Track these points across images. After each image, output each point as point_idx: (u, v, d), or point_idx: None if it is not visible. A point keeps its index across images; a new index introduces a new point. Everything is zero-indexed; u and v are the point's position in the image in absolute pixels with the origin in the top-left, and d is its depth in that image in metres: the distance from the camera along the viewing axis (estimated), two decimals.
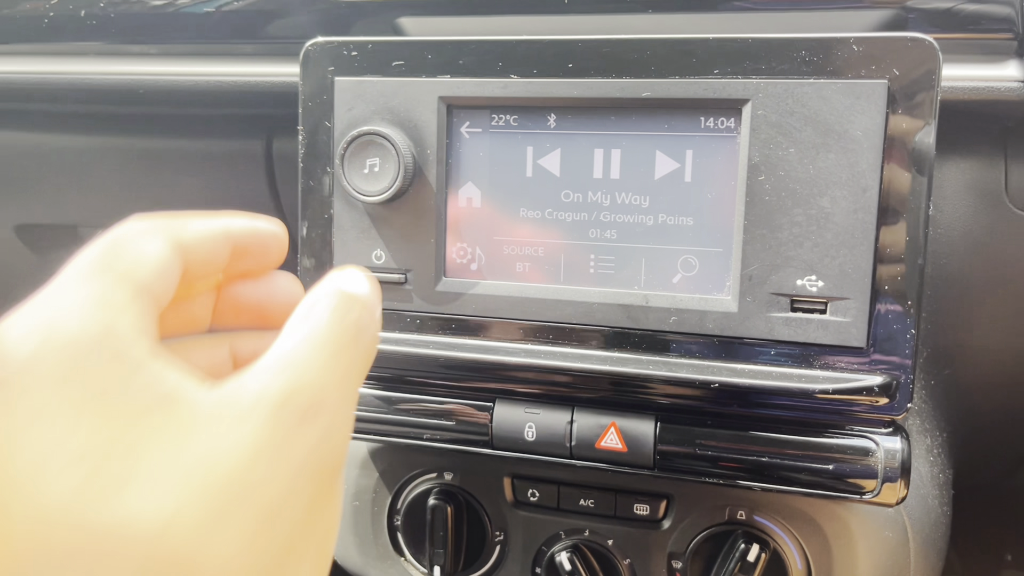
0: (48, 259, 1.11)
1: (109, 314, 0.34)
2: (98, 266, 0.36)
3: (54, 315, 0.33)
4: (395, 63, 0.62)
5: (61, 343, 0.32)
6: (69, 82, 0.85)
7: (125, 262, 0.37)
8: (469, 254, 0.63)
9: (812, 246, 0.56)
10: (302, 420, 0.34)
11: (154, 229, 0.39)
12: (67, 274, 0.36)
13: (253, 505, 0.32)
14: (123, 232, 0.38)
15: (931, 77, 0.53)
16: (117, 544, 0.29)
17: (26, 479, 0.30)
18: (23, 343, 0.32)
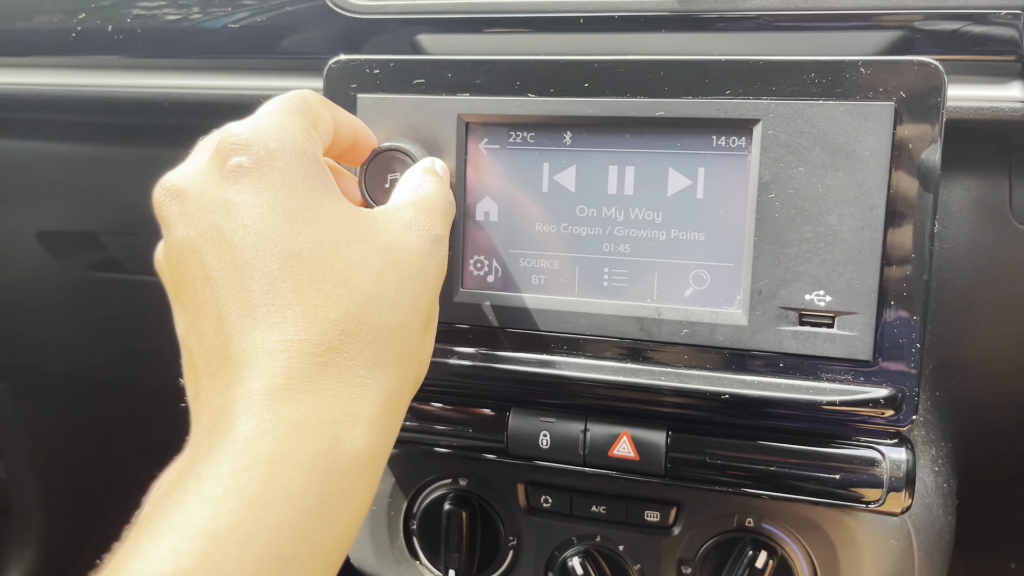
0: (69, 265, 1.13)
1: (309, 143, 0.50)
2: (299, 110, 0.52)
3: (284, 130, 0.49)
4: (416, 81, 0.64)
5: (293, 149, 0.49)
6: (94, 94, 0.88)
7: (313, 115, 0.53)
8: (486, 266, 0.65)
9: (820, 262, 0.57)
10: (436, 242, 0.52)
11: (325, 102, 0.56)
12: (277, 107, 0.52)
13: (421, 284, 0.50)
14: (309, 96, 0.54)
15: (936, 99, 0.55)
16: (346, 289, 0.46)
17: (277, 228, 0.46)
18: (269, 139, 0.48)
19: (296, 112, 0.52)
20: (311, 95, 0.55)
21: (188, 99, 0.85)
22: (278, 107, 0.52)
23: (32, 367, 1.48)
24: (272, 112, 0.51)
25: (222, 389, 0.43)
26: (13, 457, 1.57)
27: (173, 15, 0.84)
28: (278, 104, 0.52)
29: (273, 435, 0.41)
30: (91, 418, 1.60)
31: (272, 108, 0.52)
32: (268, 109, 0.52)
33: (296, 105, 0.52)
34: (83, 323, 1.26)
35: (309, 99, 0.54)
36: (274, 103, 0.52)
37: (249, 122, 0.50)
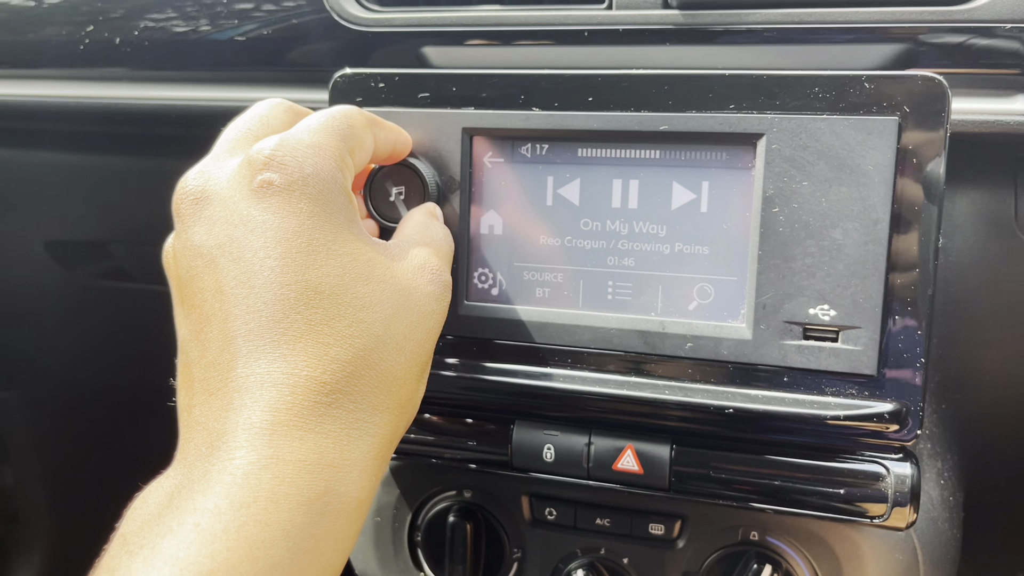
0: (77, 274, 1.13)
1: (342, 173, 0.50)
2: (341, 133, 0.51)
3: (321, 154, 0.48)
4: (421, 95, 0.64)
5: (327, 177, 0.48)
6: (102, 106, 0.88)
7: (354, 140, 0.52)
8: (491, 279, 0.65)
9: (824, 276, 0.57)
10: (446, 288, 0.53)
11: (369, 122, 0.55)
12: (319, 125, 0.51)
13: (426, 330, 0.51)
14: (354, 117, 0.53)
15: (940, 114, 0.55)
16: (358, 329, 0.46)
17: (300, 257, 0.46)
18: (305, 161, 0.47)
19: (338, 136, 0.51)
20: (356, 115, 0.54)
21: (195, 110, 0.85)
22: (320, 126, 0.51)
23: (40, 375, 1.49)
24: (313, 131, 0.50)
25: (220, 412, 0.43)
26: (21, 464, 1.57)
27: (180, 27, 0.84)
28: (321, 122, 0.51)
29: (273, 472, 0.40)
30: (99, 425, 1.60)
31: (314, 126, 0.50)
32: (310, 126, 0.50)
33: (339, 128, 0.51)
34: (91, 331, 1.27)
35: (354, 122, 0.53)
36: (317, 120, 0.51)
37: (287, 137, 0.48)
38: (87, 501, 1.61)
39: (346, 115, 0.53)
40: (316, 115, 0.52)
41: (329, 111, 0.53)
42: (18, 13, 0.91)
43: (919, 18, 0.64)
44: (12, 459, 1.58)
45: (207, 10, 0.83)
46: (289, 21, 0.80)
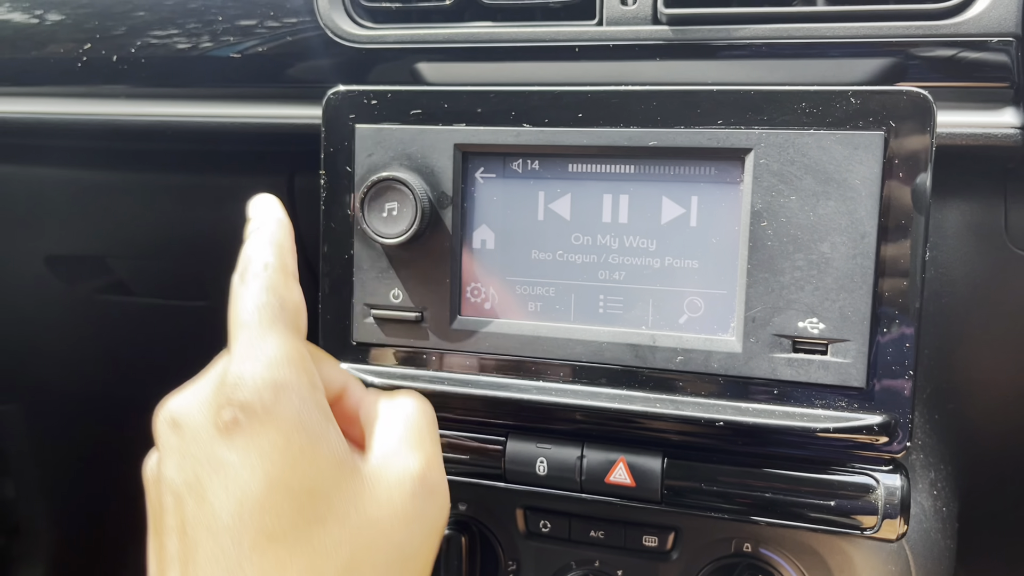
0: (77, 288, 1.14)
1: (307, 372, 0.48)
2: (278, 322, 0.49)
3: (277, 371, 0.47)
4: (413, 111, 0.65)
5: (290, 410, 0.46)
6: (101, 123, 0.89)
7: (291, 313, 0.50)
8: (483, 294, 0.65)
9: (813, 289, 0.58)
10: (432, 494, 0.49)
11: (288, 274, 0.53)
12: (258, 329, 0.48)
13: (398, 555, 0.46)
14: (276, 281, 0.51)
15: (926, 128, 0.56)
16: (313, 558, 0.44)
17: (258, 503, 0.44)
18: (265, 396, 0.46)
19: (281, 332, 0.49)
20: (280, 283, 0.52)
21: (192, 127, 0.86)
22: (266, 340, 0.48)
23: (41, 388, 1.49)
24: (271, 362, 0.47)
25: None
26: (22, 477, 1.58)
27: (177, 45, 0.85)
28: (263, 336, 0.48)
29: None
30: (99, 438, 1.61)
31: (262, 341, 0.48)
32: (267, 353, 0.48)
33: (282, 337, 0.49)
34: (91, 345, 1.28)
35: (282, 293, 0.51)
36: (260, 332, 0.49)
37: (253, 371, 0.47)
38: (87, 514, 1.62)
39: (270, 303, 0.50)
40: (245, 324, 0.49)
41: (287, 346, 0.49)
42: (18, 31, 0.92)
43: (907, 33, 0.65)
44: (13, 472, 1.58)
45: (204, 28, 0.84)
46: (284, 38, 0.81)
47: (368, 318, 0.67)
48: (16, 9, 0.92)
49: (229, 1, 0.84)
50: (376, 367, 0.68)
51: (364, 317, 0.67)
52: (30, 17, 0.91)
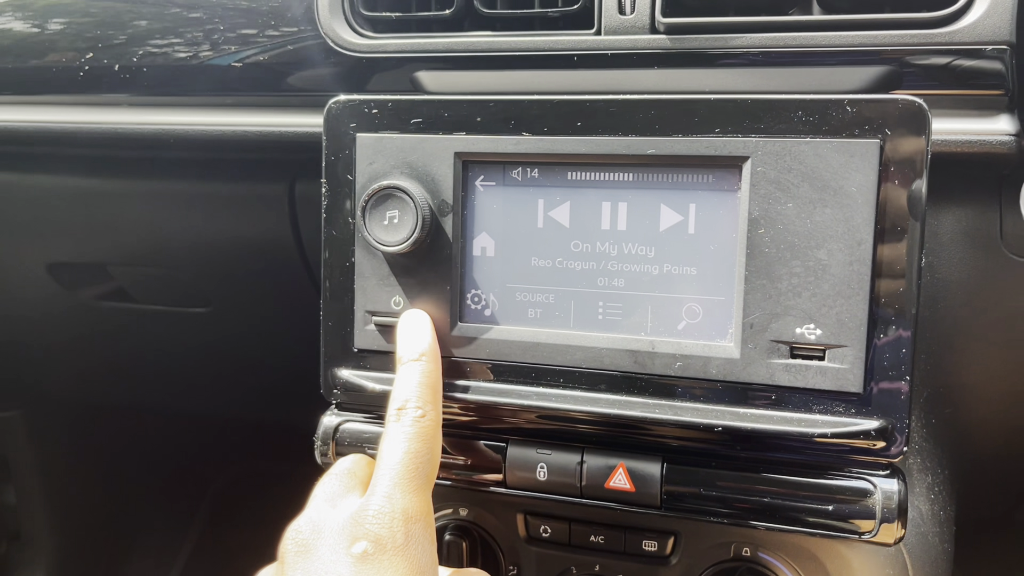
0: (78, 296, 1.15)
1: (431, 527, 0.55)
2: (422, 474, 0.56)
3: (408, 523, 0.53)
4: (413, 120, 0.66)
5: (418, 543, 0.53)
6: (102, 131, 0.89)
7: (434, 466, 0.58)
8: (483, 301, 0.66)
9: (810, 296, 0.58)
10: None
11: (439, 425, 0.59)
12: (403, 480, 0.55)
13: None
14: (429, 432, 0.58)
15: (921, 136, 0.56)
16: None
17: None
18: (397, 532, 0.52)
19: (420, 484, 0.55)
20: (430, 441, 0.57)
21: (194, 135, 0.87)
22: (406, 481, 0.55)
23: (42, 395, 1.50)
24: (403, 492, 0.54)
25: None
26: (24, 483, 1.58)
27: (179, 54, 0.86)
28: (404, 476, 0.55)
29: None
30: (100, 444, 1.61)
31: (401, 483, 0.55)
32: (397, 483, 0.54)
33: (422, 485, 0.56)
34: (92, 351, 1.28)
35: (430, 456, 0.57)
36: (400, 475, 0.55)
37: (393, 513, 0.53)
38: (89, 520, 1.62)
39: (421, 464, 0.56)
40: (395, 465, 0.55)
41: (410, 464, 0.56)
42: (20, 40, 0.92)
43: (902, 41, 0.66)
44: (15, 478, 1.58)
45: (205, 37, 0.85)
46: (285, 47, 0.82)
47: (369, 325, 0.67)
48: (18, 18, 0.93)
49: (230, 11, 0.84)
50: (377, 373, 0.68)
51: (365, 324, 0.68)
52: (32, 26, 0.92)
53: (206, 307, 1.11)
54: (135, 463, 1.65)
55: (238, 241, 1.01)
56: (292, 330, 0.95)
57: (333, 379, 0.69)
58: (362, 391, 0.68)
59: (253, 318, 1.14)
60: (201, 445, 1.68)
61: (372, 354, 0.68)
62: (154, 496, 1.68)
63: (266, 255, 0.99)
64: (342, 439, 0.69)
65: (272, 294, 1.06)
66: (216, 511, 1.78)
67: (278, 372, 1.17)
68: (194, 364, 1.27)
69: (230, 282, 1.08)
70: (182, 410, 1.48)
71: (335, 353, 0.69)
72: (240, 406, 1.42)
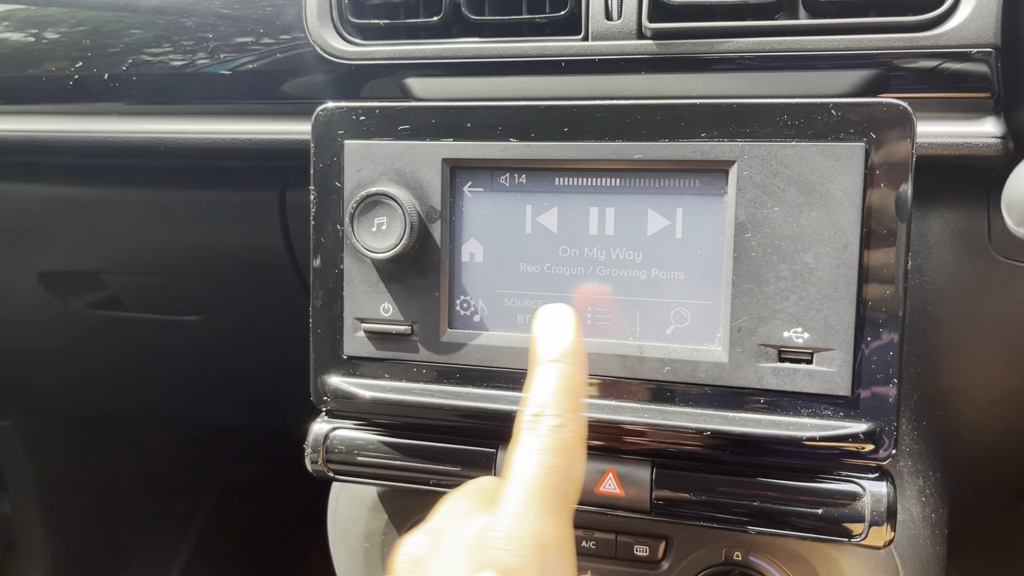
0: (71, 304, 1.15)
1: (571, 558, 0.48)
2: (561, 495, 0.48)
3: (541, 553, 0.45)
4: (401, 127, 0.66)
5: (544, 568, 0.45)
6: (93, 140, 0.90)
7: (574, 486, 0.50)
8: (472, 306, 0.66)
9: (797, 299, 0.58)
10: None
11: (582, 437, 0.51)
12: (540, 495, 0.47)
13: None
14: (571, 445, 0.50)
15: (906, 139, 0.56)
16: None
17: None
18: (527, 561, 0.45)
19: (560, 515, 0.48)
20: (574, 475, 0.50)
21: (185, 143, 0.87)
22: (546, 505, 0.47)
23: (36, 403, 1.50)
24: (538, 514, 0.46)
25: None
26: (19, 492, 1.58)
27: (170, 63, 0.86)
28: (545, 501, 0.47)
29: None
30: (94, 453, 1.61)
31: (535, 504, 0.47)
32: (530, 504, 0.47)
33: (560, 507, 0.48)
34: (85, 360, 1.28)
35: (572, 472, 0.49)
36: (536, 494, 0.47)
37: (512, 533, 0.46)
38: (84, 529, 1.62)
39: (558, 468, 0.48)
40: (529, 480, 0.48)
41: (545, 484, 0.47)
42: (10, 50, 0.93)
43: (888, 45, 0.66)
44: (9, 488, 1.58)
45: (196, 45, 0.85)
46: (274, 55, 0.82)
47: (359, 332, 0.67)
48: (8, 28, 0.93)
49: (221, 19, 0.84)
50: (367, 380, 0.68)
51: (355, 331, 0.68)
52: (21, 36, 0.92)
53: (198, 315, 1.11)
54: (130, 471, 1.65)
55: (230, 249, 1.01)
56: (285, 337, 0.95)
57: (323, 386, 0.69)
58: (352, 398, 0.68)
59: (246, 325, 1.14)
60: (196, 453, 1.68)
61: (362, 360, 0.68)
62: (149, 504, 1.68)
63: (258, 262, 0.99)
64: (332, 446, 0.69)
65: (264, 301, 1.06)
66: (212, 518, 1.78)
67: (271, 379, 1.17)
68: (187, 372, 1.27)
69: (222, 290, 1.08)
70: (176, 418, 1.48)
71: (325, 360, 0.69)
72: (234, 414, 1.41)
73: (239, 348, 1.18)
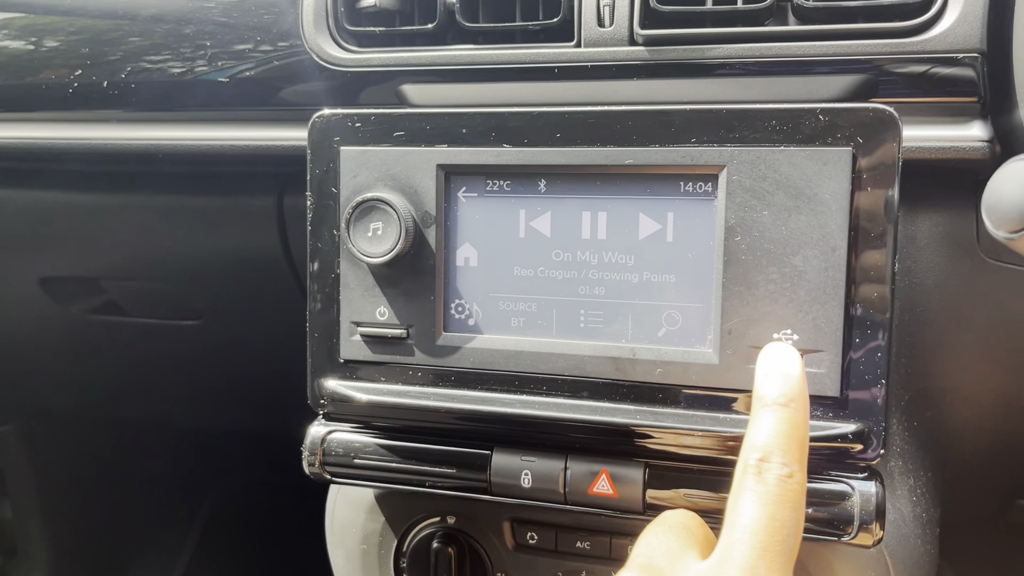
0: (71, 310, 1.15)
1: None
2: (787, 552, 0.47)
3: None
4: (396, 133, 0.67)
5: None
6: (92, 147, 0.91)
7: (798, 539, 0.49)
8: (467, 310, 0.67)
9: (787, 302, 0.59)
10: None
11: (805, 487, 0.50)
12: (766, 555, 0.46)
13: None
14: (798, 497, 0.49)
15: (892, 143, 0.57)
16: None
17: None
18: None
19: (788, 570, 0.47)
20: (799, 531, 0.49)
21: (184, 150, 0.88)
22: (775, 561, 0.47)
23: (37, 409, 1.50)
24: (773, 571, 0.46)
25: None
26: (19, 498, 1.59)
27: (169, 70, 0.87)
28: (775, 556, 0.47)
29: None
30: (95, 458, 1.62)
31: (772, 560, 0.46)
32: (770, 562, 0.46)
33: (786, 563, 0.47)
34: (85, 365, 1.29)
35: (795, 528, 0.49)
36: (772, 550, 0.47)
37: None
38: (85, 534, 1.62)
39: (787, 523, 0.47)
40: (758, 533, 0.47)
41: (768, 517, 0.47)
42: (10, 59, 0.94)
43: (876, 50, 0.67)
44: (10, 493, 1.59)
45: (194, 53, 0.86)
46: (272, 63, 0.83)
47: (355, 336, 0.68)
48: (8, 37, 0.94)
49: (219, 27, 0.85)
50: (364, 383, 0.69)
51: (351, 335, 0.68)
52: (21, 45, 0.93)
53: (198, 319, 1.12)
54: (131, 476, 1.65)
55: (228, 253, 1.02)
56: (284, 340, 0.96)
57: (320, 390, 0.70)
58: (349, 401, 0.69)
59: (245, 329, 1.15)
60: (196, 457, 1.69)
61: (359, 364, 0.69)
62: (150, 509, 1.69)
63: (256, 267, 1.00)
64: (329, 449, 0.70)
65: (263, 305, 1.07)
66: (212, 522, 1.78)
67: (271, 383, 1.18)
68: (187, 376, 1.28)
69: (221, 294, 1.09)
70: (176, 422, 1.49)
71: (322, 364, 0.70)
72: (234, 417, 1.42)
73: (238, 352, 1.19)
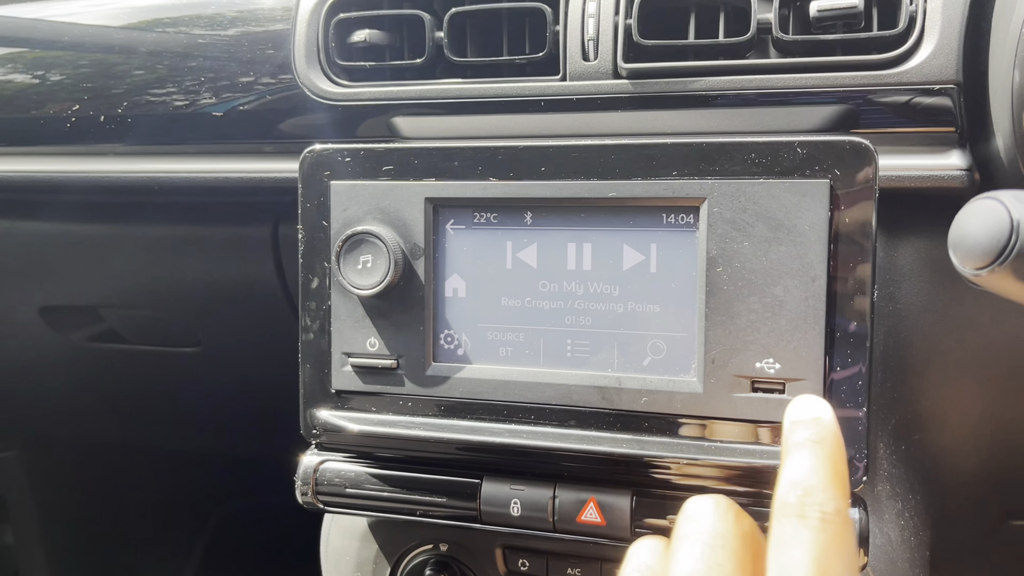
0: (71, 338, 1.17)
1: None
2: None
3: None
4: (385, 167, 0.68)
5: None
6: (91, 180, 0.92)
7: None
8: (455, 340, 0.68)
9: (768, 331, 0.60)
10: None
11: (850, 526, 0.46)
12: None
13: None
14: (844, 538, 0.44)
15: (869, 174, 0.58)
16: None
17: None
18: None
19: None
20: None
21: (181, 182, 0.89)
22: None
23: (38, 435, 1.51)
24: None
25: None
26: (21, 524, 1.59)
27: (165, 105, 0.89)
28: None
29: None
30: (96, 484, 1.63)
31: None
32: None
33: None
34: (85, 392, 1.30)
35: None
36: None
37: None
38: (87, 560, 1.63)
39: (839, 572, 0.43)
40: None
41: (814, 561, 0.42)
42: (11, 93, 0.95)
43: (855, 82, 0.68)
44: (12, 518, 1.60)
45: (191, 88, 0.87)
46: (265, 97, 0.84)
47: (346, 366, 0.69)
48: (9, 71, 0.96)
49: (215, 63, 0.87)
50: (355, 413, 0.70)
51: (342, 365, 0.70)
52: (22, 79, 0.95)
53: (196, 346, 1.14)
54: (132, 502, 1.66)
55: (225, 282, 1.03)
56: (281, 367, 0.97)
57: (312, 419, 0.71)
58: (340, 431, 0.70)
59: (243, 356, 1.16)
60: (197, 482, 1.70)
61: (350, 394, 0.70)
62: (151, 534, 1.69)
63: (253, 295, 1.01)
64: (322, 478, 0.71)
65: (260, 331, 1.08)
66: (212, 547, 1.79)
67: (269, 408, 1.19)
68: (187, 402, 1.29)
69: (219, 322, 1.10)
70: (176, 448, 1.50)
71: (314, 394, 0.71)
72: (234, 443, 1.43)
73: (237, 378, 1.20)
